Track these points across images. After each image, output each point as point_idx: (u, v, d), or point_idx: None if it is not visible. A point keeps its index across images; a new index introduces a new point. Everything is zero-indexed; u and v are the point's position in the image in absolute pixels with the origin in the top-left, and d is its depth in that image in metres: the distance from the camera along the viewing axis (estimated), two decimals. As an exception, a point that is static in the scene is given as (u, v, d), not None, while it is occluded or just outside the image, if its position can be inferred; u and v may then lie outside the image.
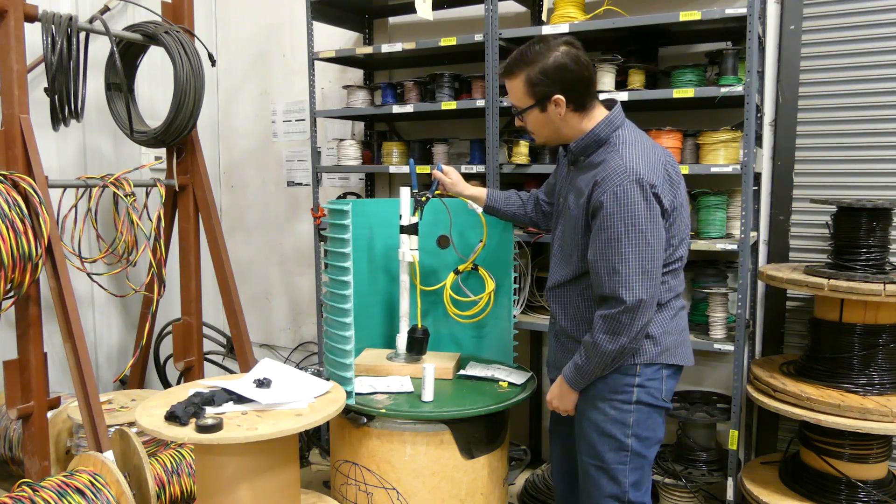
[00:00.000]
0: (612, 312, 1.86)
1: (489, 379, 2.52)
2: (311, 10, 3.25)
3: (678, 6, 2.91)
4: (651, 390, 1.97)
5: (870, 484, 2.39)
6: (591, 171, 1.93)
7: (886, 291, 2.24)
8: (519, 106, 1.99)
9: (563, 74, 1.90)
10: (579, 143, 1.98)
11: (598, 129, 1.95)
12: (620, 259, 1.83)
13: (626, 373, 1.95)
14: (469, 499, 2.32)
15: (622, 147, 1.91)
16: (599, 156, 1.94)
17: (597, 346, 1.89)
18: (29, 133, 2.49)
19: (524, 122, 2.03)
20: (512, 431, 2.67)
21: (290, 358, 4.09)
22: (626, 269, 1.83)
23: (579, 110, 1.95)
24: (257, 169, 4.19)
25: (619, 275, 1.83)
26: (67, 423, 2.85)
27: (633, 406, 1.96)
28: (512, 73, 1.96)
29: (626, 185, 1.82)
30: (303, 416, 1.99)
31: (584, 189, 1.92)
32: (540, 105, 1.95)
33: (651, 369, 1.97)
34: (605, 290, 1.87)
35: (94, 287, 3.32)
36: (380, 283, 2.85)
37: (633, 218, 1.82)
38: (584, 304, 2.03)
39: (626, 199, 1.82)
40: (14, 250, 2.30)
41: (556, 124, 1.98)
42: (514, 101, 2.00)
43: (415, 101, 3.15)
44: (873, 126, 2.75)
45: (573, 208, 1.98)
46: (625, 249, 1.82)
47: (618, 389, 1.96)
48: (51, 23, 2.56)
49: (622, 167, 1.85)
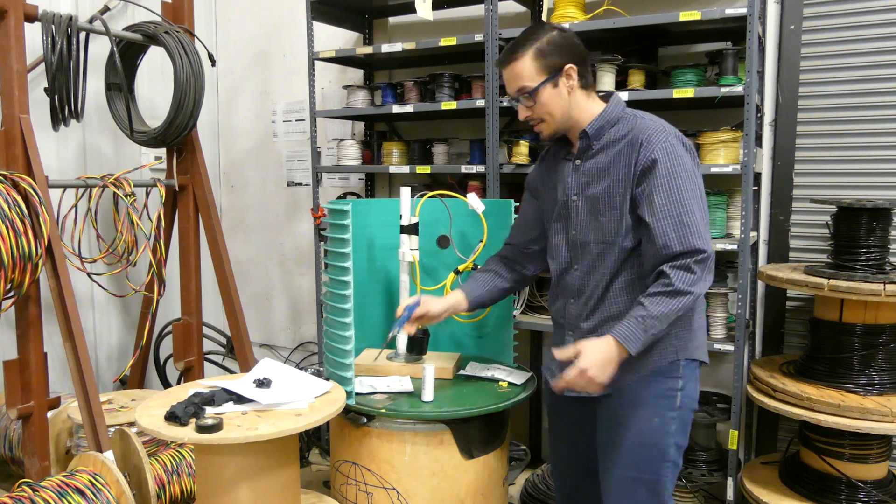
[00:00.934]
0: (686, 262, 1.75)
1: (489, 379, 2.52)
2: (311, 10, 3.25)
3: (678, 6, 2.91)
4: (690, 392, 1.91)
5: (870, 484, 2.39)
6: (617, 147, 1.87)
7: (886, 291, 2.24)
8: (530, 85, 1.86)
9: (570, 44, 1.87)
10: (594, 124, 1.90)
11: (609, 109, 1.91)
12: (687, 211, 1.76)
13: (670, 375, 1.88)
14: (469, 499, 2.31)
15: (643, 115, 1.89)
16: (619, 131, 1.88)
17: (670, 294, 1.75)
18: (29, 133, 2.49)
19: (531, 111, 1.91)
20: (512, 431, 2.67)
21: (290, 358, 4.09)
22: (693, 220, 1.76)
23: (585, 87, 1.91)
24: (257, 169, 4.19)
25: (689, 226, 1.76)
26: (67, 423, 2.85)
27: (676, 413, 1.88)
28: (515, 54, 1.87)
29: (671, 140, 1.80)
30: (303, 416, 1.99)
31: (620, 161, 1.85)
32: (552, 79, 1.85)
33: (691, 367, 1.90)
34: (675, 247, 1.76)
35: (94, 287, 3.31)
36: (380, 283, 2.85)
37: (686, 171, 1.79)
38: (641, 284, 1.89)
39: (676, 153, 1.79)
40: (14, 250, 2.30)
41: (567, 104, 1.89)
42: (522, 84, 1.87)
43: (415, 101, 3.15)
44: (873, 126, 2.75)
45: (605, 191, 1.88)
46: (688, 201, 1.77)
47: (662, 394, 1.87)
48: (51, 23, 2.56)
49: (659, 127, 1.83)
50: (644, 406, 1.88)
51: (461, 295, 2.23)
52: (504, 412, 2.41)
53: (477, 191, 3.03)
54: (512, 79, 1.90)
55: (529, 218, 2.19)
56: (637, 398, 1.89)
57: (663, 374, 1.88)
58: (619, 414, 1.91)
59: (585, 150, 1.94)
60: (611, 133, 1.90)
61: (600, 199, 1.90)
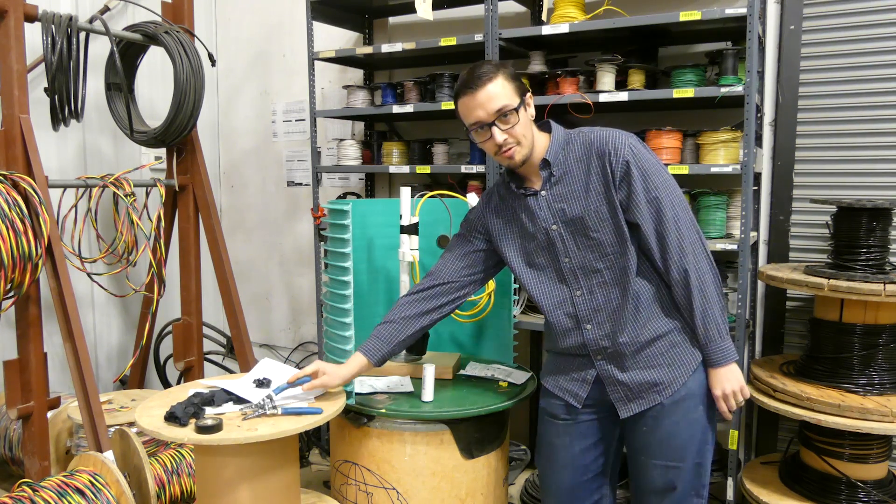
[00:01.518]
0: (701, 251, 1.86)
1: (489, 379, 2.52)
2: (311, 10, 3.25)
3: (678, 6, 2.91)
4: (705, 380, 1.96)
5: (870, 484, 2.39)
6: (581, 167, 1.90)
7: (886, 291, 2.24)
8: (511, 105, 1.83)
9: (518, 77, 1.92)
10: (552, 152, 1.92)
11: (558, 134, 1.95)
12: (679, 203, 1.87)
13: (699, 369, 1.93)
14: (469, 499, 2.32)
15: (591, 129, 1.94)
16: (575, 151, 1.91)
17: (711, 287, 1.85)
18: (29, 133, 2.49)
19: (509, 133, 1.86)
20: (512, 431, 2.67)
21: (290, 358, 4.09)
22: (685, 211, 1.87)
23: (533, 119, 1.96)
24: (257, 169, 4.19)
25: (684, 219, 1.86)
26: (67, 423, 2.85)
27: (709, 396, 1.94)
28: (487, 77, 1.83)
29: (632, 141, 1.87)
30: (303, 417, 1.99)
31: (593, 175, 1.88)
32: (523, 103, 1.87)
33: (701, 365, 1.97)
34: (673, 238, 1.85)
35: (94, 287, 3.32)
36: (380, 283, 2.85)
37: (656, 164, 1.88)
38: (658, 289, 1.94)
39: (643, 151, 1.87)
40: (14, 250, 2.30)
41: (531, 129, 1.91)
42: (502, 104, 1.83)
43: (415, 101, 3.15)
44: (873, 126, 2.75)
45: (587, 208, 1.89)
46: (674, 194, 1.86)
47: (704, 383, 1.92)
48: (51, 23, 2.56)
49: (616, 133, 1.89)
50: (691, 398, 1.92)
51: (362, 359, 2.09)
52: (504, 412, 2.41)
53: (477, 191, 3.03)
54: (488, 101, 1.83)
55: (464, 252, 2.12)
56: (688, 393, 1.92)
57: (699, 369, 1.93)
58: (668, 411, 1.92)
59: (547, 179, 1.94)
60: (568, 155, 1.93)
61: (585, 217, 1.90)
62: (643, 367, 1.92)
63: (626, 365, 1.93)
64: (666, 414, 1.92)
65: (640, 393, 1.93)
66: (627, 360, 1.93)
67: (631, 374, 1.93)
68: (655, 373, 1.91)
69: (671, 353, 1.91)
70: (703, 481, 1.96)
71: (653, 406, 1.92)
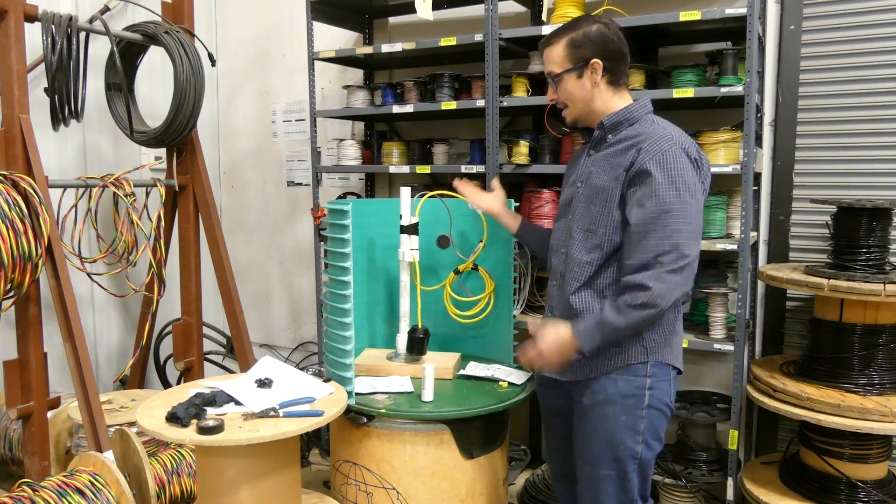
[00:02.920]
0: (662, 271, 1.78)
1: (489, 379, 2.52)
2: (311, 10, 3.24)
3: (678, 6, 2.91)
4: (660, 393, 1.93)
5: (870, 484, 2.40)
6: (623, 144, 1.92)
7: (886, 291, 2.24)
8: (556, 71, 1.97)
9: (604, 41, 1.94)
10: (611, 118, 1.97)
11: (632, 108, 1.97)
12: (663, 224, 1.79)
13: (637, 374, 1.92)
14: (469, 499, 2.32)
15: (658, 122, 1.95)
16: (633, 131, 1.94)
17: (634, 307, 1.80)
18: (29, 133, 2.49)
19: (557, 95, 2.02)
20: (512, 431, 2.67)
21: (290, 358, 4.09)
22: (676, 227, 1.80)
23: (613, 84, 1.97)
24: (257, 169, 4.19)
25: (670, 235, 1.79)
26: (67, 423, 2.85)
27: (644, 411, 1.91)
28: (552, 40, 1.98)
29: (674, 151, 1.83)
30: (304, 418, 1.99)
31: (620, 161, 1.90)
32: (578, 69, 1.95)
33: (662, 369, 1.94)
34: (650, 253, 1.80)
35: (94, 287, 3.31)
36: (380, 283, 2.85)
37: (683, 182, 1.81)
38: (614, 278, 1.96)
39: (673, 164, 1.82)
40: (14, 250, 2.30)
41: (590, 94, 1.97)
42: (551, 69, 1.99)
43: (415, 101, 3.15)
44: (873, 126, 2.75)
45: (603, 183, 1.93)
46: (668, 216, 1.80)
47: (629, 393, 1.91)
48: (51, 23, 2.56)
49: (666, 135, 1.87)
50: (611, 404, 1.93)
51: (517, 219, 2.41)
52: (504, 412, 2.41)
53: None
54: (546, 61, 2.02)
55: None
56: (604, 395, 1.93)
57: (630, 373, 1.92)
58: (587, 411, 1.97)
59: (599, 141, 2.01)
60: (627, 131, 1.96)
61: (597, 191, 1.96)
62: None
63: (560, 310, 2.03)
64: (587, 416, 1.96)
65: None
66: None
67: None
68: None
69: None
70: (621, 465, 1.93)
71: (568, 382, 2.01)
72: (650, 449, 1.95)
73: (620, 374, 1.92)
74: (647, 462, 1.96)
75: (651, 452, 1.96)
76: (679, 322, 2.01)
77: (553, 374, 2.03)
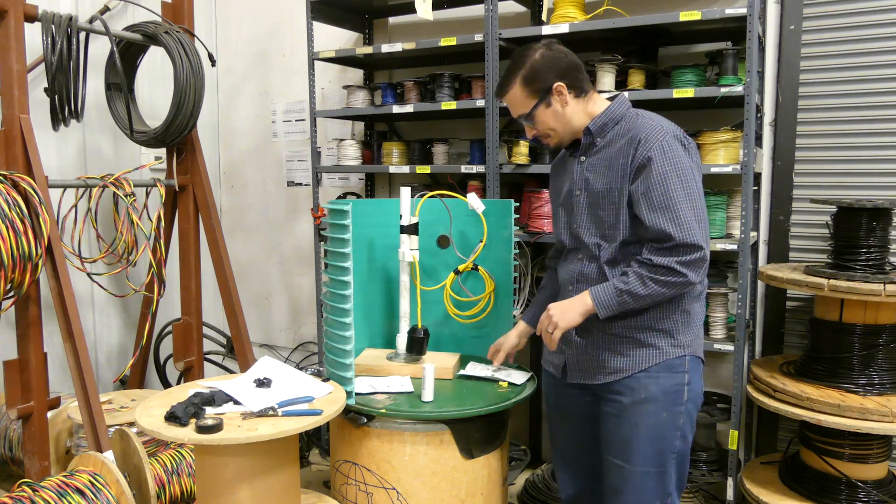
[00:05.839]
0: (678, 255, 1.80)
1: (489, 379, 2.52)
2: (311, 10, 3.25)
3: (678, 6, 2.91)
4: (696, 388, 1.97)
5: (870, 484, 2.40)
6: (617, 144, 1.93)
7: (886, 291, 2.24)
8: (525, 111, 1.98)
9: (553, 62, 1.95)
10: (597, 122, 1.97)
11: (612, 108, 1.98)
12: (678, 209, 1.81)
13: (676, 370, 1.93)
14: (469, 499, 2.31)
15: (645, 114, 1.95)
16: (622, 128, 1.94)
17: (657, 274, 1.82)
18: (29, 133, 2.49)
19: (536, 130, 2.03)
20: (512, 431, 2.67)
21: (290, 358, 4.09)
22: (684, 217, 1.81)
23: (581, 95, 1.98)
24: (257, 169, 4.19)
25: (680, 223, 1.81)
26: (67, 423, 2.85)
27: (683, 406, 1.94)
28: (507, 86, 1.99)
29: (668, 140, 1.85)
30: (303, 417, 1.99)
31: (620, 160, 1.91)
32: (544, 100, 1.96)
33: (695, 364, 1.97)
34: (671, 238, 1.81)
35: (94, 287, 3.31)
36: (380, 283, 2.85)
37: (680, 170, 1.83)
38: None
39: (672, 152, 1.84)
40: (14, 250, 2.30)
41: (565, 115, 1.98)
42: (520, 111, 2.00)
43: (415, 101, 3.15)
44: (873, 126, 2.75)
45: (606, 186, 1.94)
46: (679, 200, 1.81)
47: (671, 390, 1.92)
48: (51, 23, 2.56)
49: (657, 126, 1.88)
50: (653, 401, 1.93)
51: (524, 326, 2.39)
52: (504, 412, 2.41)
53: (477, 191, 3.04)
54: (511, 107, 2.04)
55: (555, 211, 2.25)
56: (647, 393, 1.93)
57: (671, 370, 1.93)
58: (627, 410, 1.95)
59: (589, 146, 2.01)
60: (614, 131, 1.96)
61: (601, 194, 1.96)
62: (596, 346, 2.00)
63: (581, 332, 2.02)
64: (626, 415, 1.95)
65: (586, 365, 2.02)
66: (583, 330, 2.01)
67: (580, 340, 2.03)
68: (602, 353, 1.99)
69: (620, 343, 1.96)
70: (662, 460, 1.94)
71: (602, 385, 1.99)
72: (686, 442, 1.98)
73: (660, 371, 1.93)
74: (685, 455, 1.99)
75: (687, 446, 1.99)
76: (702, 313, 2.04)
77: (584, 380, 2.03)
